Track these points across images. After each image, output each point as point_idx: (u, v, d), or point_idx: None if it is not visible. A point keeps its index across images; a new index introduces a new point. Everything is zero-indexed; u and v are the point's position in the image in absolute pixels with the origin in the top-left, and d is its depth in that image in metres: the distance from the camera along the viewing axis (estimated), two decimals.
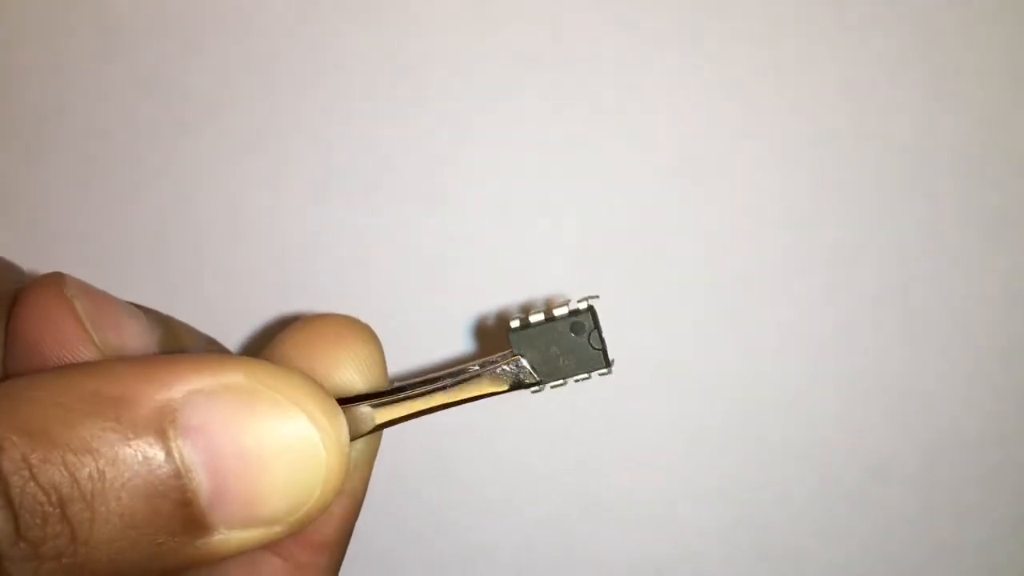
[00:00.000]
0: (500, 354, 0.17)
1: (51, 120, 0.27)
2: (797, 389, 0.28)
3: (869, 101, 0.27)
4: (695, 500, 0.28)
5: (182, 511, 0.14)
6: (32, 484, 0.13)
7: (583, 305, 0.17)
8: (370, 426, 0.17)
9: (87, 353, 0.15)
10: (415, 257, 0.28)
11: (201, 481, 0.14)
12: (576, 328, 0.17)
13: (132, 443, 0.14)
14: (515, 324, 0.17)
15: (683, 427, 0.28)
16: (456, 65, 0.27)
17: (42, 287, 0.16)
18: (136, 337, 0.16)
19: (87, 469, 0.13)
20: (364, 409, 0.17)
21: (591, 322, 0.17)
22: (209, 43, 0.27)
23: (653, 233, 0.27)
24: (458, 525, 0.29)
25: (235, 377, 0.14)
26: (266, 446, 0.14)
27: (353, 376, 0.17)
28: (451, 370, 0.17)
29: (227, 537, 0.15)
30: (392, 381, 0.18)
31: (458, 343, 0.28)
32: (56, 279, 0.17)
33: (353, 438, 0.16)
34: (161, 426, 0.14)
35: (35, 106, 0.27)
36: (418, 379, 0.17)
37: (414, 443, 0.28)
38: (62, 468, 0.13)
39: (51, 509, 0.13)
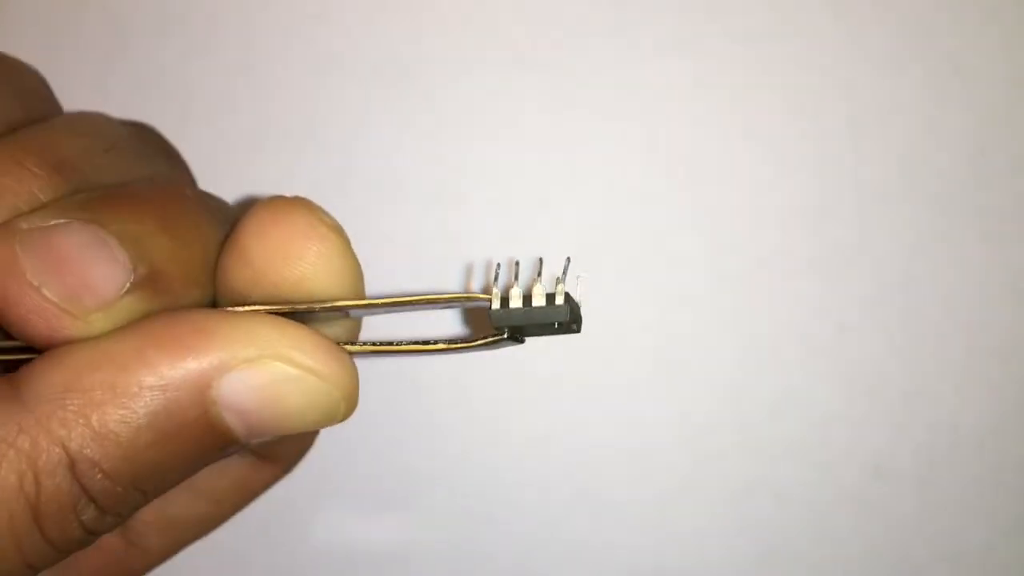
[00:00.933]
0: (472, 296, 0.18)
1: None
2: (797, 388, 0.28)
3: (869, 101, 0.27)
4: (695, 500, 0.28)
5: (224, 451, 0.17)
6: (108, 481, 0.16)
7: (560, 301, 0.17)
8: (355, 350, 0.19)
9: (77, 329, 0.16)
10: (414, 257, 0.28)
11: (238, 430, 0.17)
12: (559, 322, 0.18)
13: (183, 426, 0.16)
14: (496, 306, 0.18)
15: (683, 427, 0.28)
16: (456, 65, 0.27)
17: (3, 279, 0.16)
18: (107, 280, 0.17)
19: (150, 454, 0.16)
20: (352, 347, 0.19)
21: (572, 313, 0.18)
22: (210, 43, 0.27)
23: (653, 233, 0.27)
24: (456, 525, 0.29)
25: (251, 351, 0.16)
26: (285, 400, 0.17)
27: (326, 279, 0.18)
28: (427, 298, 0.18)
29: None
30: (372, 296, 0.19)
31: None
32: (11, 265, 0.16)
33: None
34: (203, 408, 0.16)
35: None
36: (394, 297, 0.18)
37: (413, 445, 0.28)
38: (128, 463, 0.16)
39: (126, 492, 0.16)
